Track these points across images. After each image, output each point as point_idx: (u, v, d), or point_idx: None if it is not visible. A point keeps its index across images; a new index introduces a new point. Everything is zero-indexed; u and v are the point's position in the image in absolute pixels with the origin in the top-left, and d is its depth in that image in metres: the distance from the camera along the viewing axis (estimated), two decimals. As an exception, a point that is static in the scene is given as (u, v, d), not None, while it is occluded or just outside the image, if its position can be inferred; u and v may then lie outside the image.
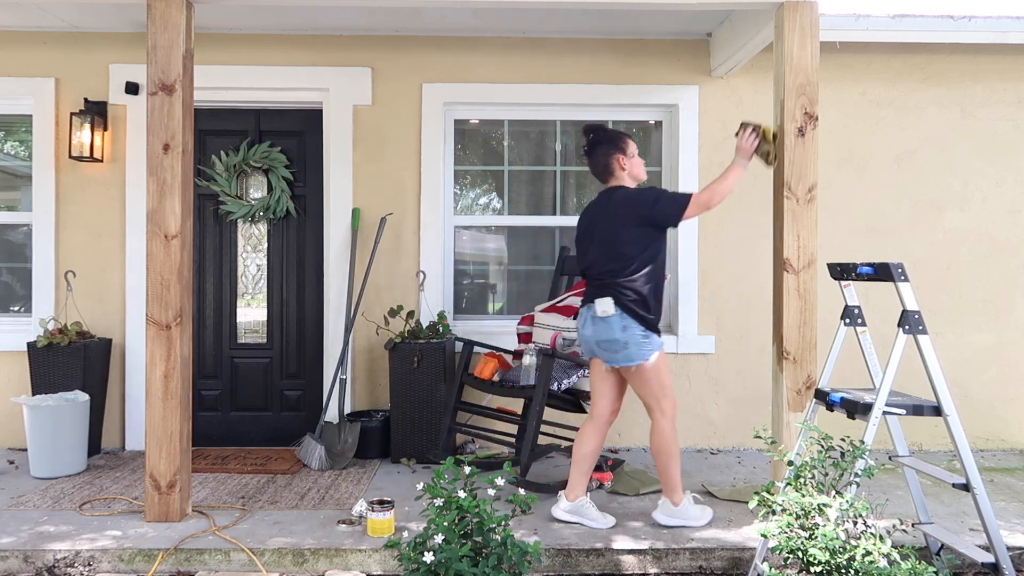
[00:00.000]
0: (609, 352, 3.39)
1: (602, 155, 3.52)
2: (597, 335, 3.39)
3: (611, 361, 3.42)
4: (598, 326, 3.38)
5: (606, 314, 3.34)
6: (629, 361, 3.36)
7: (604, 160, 3.52)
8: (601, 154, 3.52)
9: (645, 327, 3.35)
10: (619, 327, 3.33)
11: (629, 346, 3.34)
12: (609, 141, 3.53)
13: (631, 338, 3.33)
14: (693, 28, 4.91)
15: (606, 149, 3.51)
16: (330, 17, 4.73)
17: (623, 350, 3.35)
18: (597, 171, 3.57)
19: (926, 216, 5.09)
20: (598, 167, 3.55)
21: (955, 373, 5.06)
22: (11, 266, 5.20)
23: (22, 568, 3.19)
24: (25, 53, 4.98)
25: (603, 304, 3.34)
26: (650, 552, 3.24)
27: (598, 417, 3.58)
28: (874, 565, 2.43)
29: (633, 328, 3.34)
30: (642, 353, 3.35)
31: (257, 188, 5.12)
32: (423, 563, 2.54)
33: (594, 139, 3.55)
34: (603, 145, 3.52)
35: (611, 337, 3.35)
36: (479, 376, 4.33)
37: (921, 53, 5.02)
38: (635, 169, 3.54)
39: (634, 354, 3.35)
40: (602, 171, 3.54)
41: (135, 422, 4.93)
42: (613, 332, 3.34)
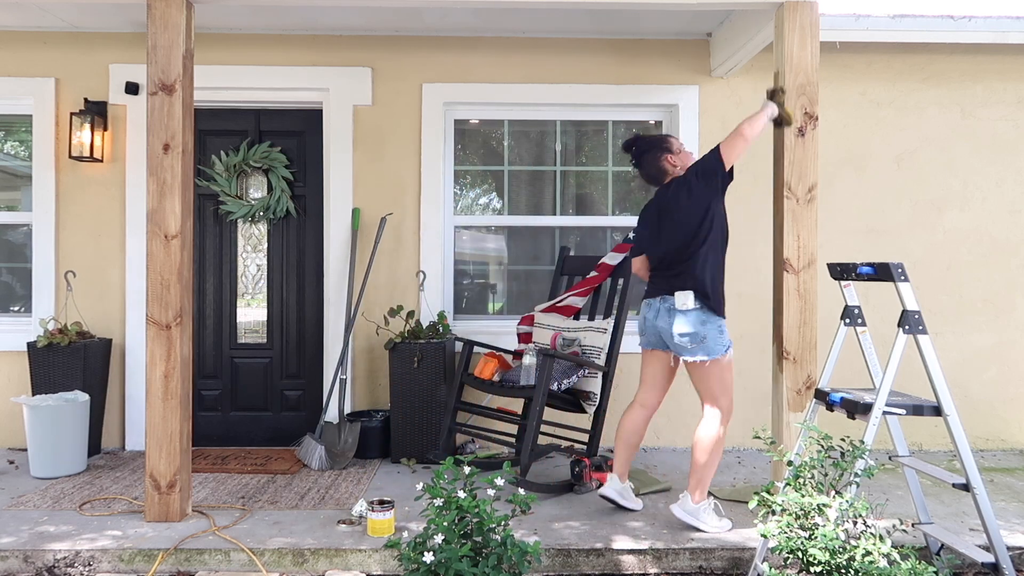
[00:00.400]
0: (687, 345, 3.41)
1: (651, 161, 3.59)
2: (675, 327, 3.41)
3: (685, 354, 3.43)
4: (676, 318, 3.41)
5: (686, 307, 3.38)
6: (707, 355, 3.40)
7: (655, 164, 3.59)
8: (649, 161, 3.60)
9: (722, 320, 3.43)
10: (699, 320, 3.38)
11: (707, 340, 3.39)
12: (654, 146, 3.61)
13: (710, 332, 3.39)
14: (693, 28, 4.91)
15: (653, 155, 3.59)
16: (330, 17, 4.73)
17: (701, 343, 3.39)
18: (650, 177, 3.64)
19: (926, 216, 5.09)
20: (651, 173, 3.62)
21: (955, 373, 5.07)
22: (11, 266, 5.20)
23: (22, 568, 3.19)
24: (25, 53, 4.98)
25: (683, 296, 3.38)
26: (650, 552, 3.24)
27: (649, 407, 3.69)
28: (874, 565, 2.43)
29: (712, 321, 3.40)
30: (719, 348, 3.41)
31: (257, 188, 5.12)
32: (423, 563, 2.54)
33: (638, 150, 3.63)
34: (649, 152, 3.60)
35: (691, 330, 3.38)
36: (479, 376, 4.33)
37: (921, 53, 5.02)
38: (687, 162, 3.60)
39: (712, 348, 3.40)
40: (657, 175, 3.61)
41: (135, 422, 4.93)
42: (693, 325, 3.38)
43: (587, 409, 4.26)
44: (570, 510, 3.75)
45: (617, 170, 5.27)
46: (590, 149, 5.31)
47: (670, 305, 3.44)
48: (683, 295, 3.39)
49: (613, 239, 5.21)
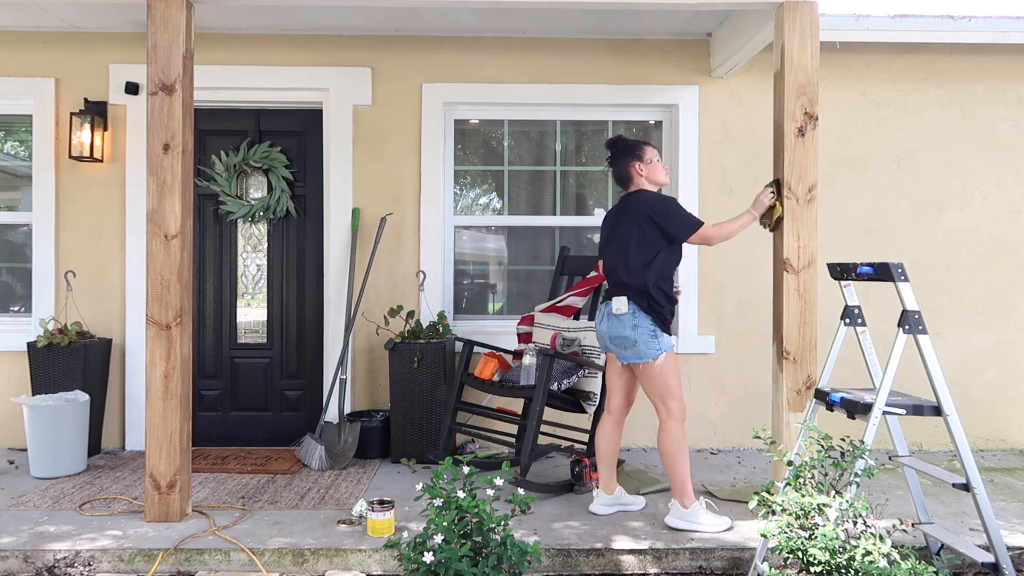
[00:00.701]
0: (620, 348, 3.55)
1: (621, 164, 3.67)
2: (611, 331, 3.55)
3: (621, 357, 3.58)
4: (612, 322, 3.54)
5: (620, 312, 3.50)
6: (637, 358, 3.50)
7: (623, 168, 3.66)
8: (620, 163, 3.67)
9: (655, 326, 3.49)
10: (630, 325, 3.48)
11: (638, 344, 3.48)
12: (626, 150, 3.67)
13: (640, 336, 3.47)
14: (693, 28, 4.91)
15: (624, 158, 3.66)
16: (330, 17, 4.73)
17: (632, 347, 3.49)
18: (619, 179, 3.72)
19: (926, 216, 5.09)
20: (619, 175, 3.70)
21: (955, 373, 5.06)
22: (11, 266, 5.20)
23: (22, 568, 3.19)
24: (25, 53, 4.98)
25: (618, 302, 3.51)
26: (650, 552, 3.24)
27: (614, 411, 3.75)
28: (874, 565, 2.43)
29: (643, 327, 3.47)
30: (650, 351, 3.48)
31: (257, 188, 5.12)
32: (423, 563, 2.54)
33: (615, 150, 3.71)
34: (621, 155, 3.67)
35: (622, 334, 3.50)
36: (479, 376, 4.33)
37: (921, 53, 5.02)
38: (653, 174, 3.64)
39: (642, 351, 3.48)
40: (623, 178, 3.69)
41: (135, 422, 4.93)
42: (624, 329, 3.50)
43: (587, 409, 4.26)
44: (570, 510, 3.75)
45: (617, 170, 5.27)
46: (590, 149, 5.31)
47: (609, 310, 3.57)
48: (618, 300, 3.52)
49: (613, 239, 5.21)
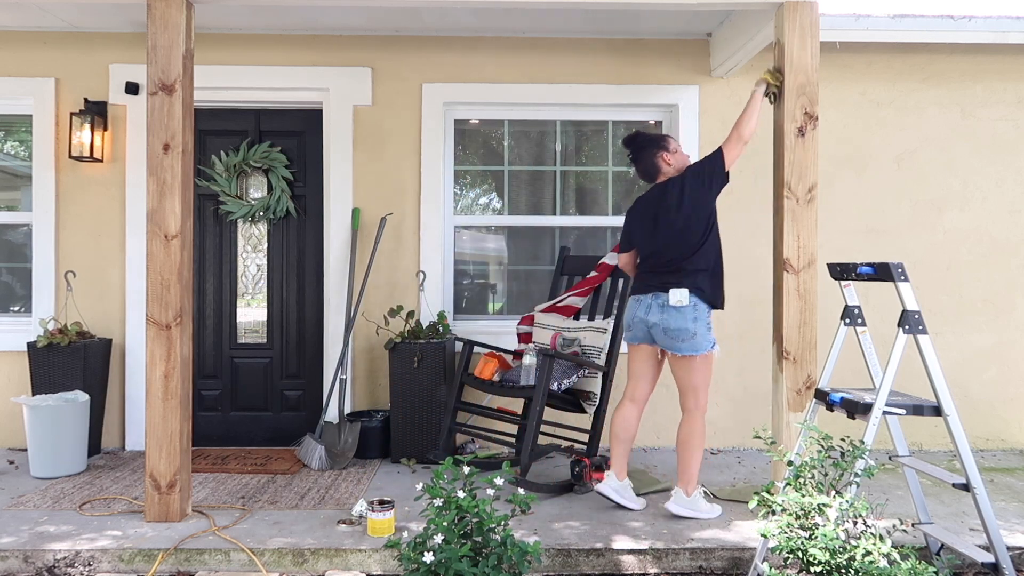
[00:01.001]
0: (676, 340, 3.51)
1: (647, 157, 3.67)
2: (667, 323, 3.50)
3: (675, 349, 3.53)
4: (669, 314, 3.50)
5: (680, 303, 3.47)
6: (694, 351, 3.50)
7: (650, 161, 3.67)
8: (646, 157, 3.68)
9: (710, 318, 3.53)
10: (691, 317, 3.47)
11: (697, 336, 3.48)
12: (650, 143, 3.69)
13: (699, 328, 3.48)
14: (693, 28, 4.91)
15: (649, 151, 3.67)
16: (330, 17, 4.73)
17: (691, 339, 3.48)
18: (645, 173, 3.73)
19: (926, 216, 5.09)
20: (646, 168, 3.71)
21: (955, 373, 5.06)
22: (11, 266, 5.20)
23: (22, 568, 3.19)
24: (25, 53, 4.98)
25: (678, 293, 3.47)
26: (650, 552, 3.24)
27: (639, 400, 3.77)
28: (874, 565, 2.43)
29: (703, 318, 3.50)
30: (706, 344, 3.51)
31: (257, 188, 5.12)
32: (423, 563, 2.54)
33: (636, 146, 3.72)
34: (646, 149, 3.68)
35: (682, 326, 3.47)
36: (479, 376, 4.33)
37: (921, 53, 5.02)
38: (679, 162, 3.69)
39: (700, 344, 3.50)
40: (651, 171, 3.70)
41: (135, 422, 4.93)
42: (685, 321, 3.47)
43: (587, 409, 4.26)
44: (570, 510, 3.75)
45: (617, 170, 5.27)
46: (590, 149, 5.31)
47: (663, 302, 3.52)
48: (678, 292, 3.48)
49: (613, 239, 5.21)
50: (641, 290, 3.66)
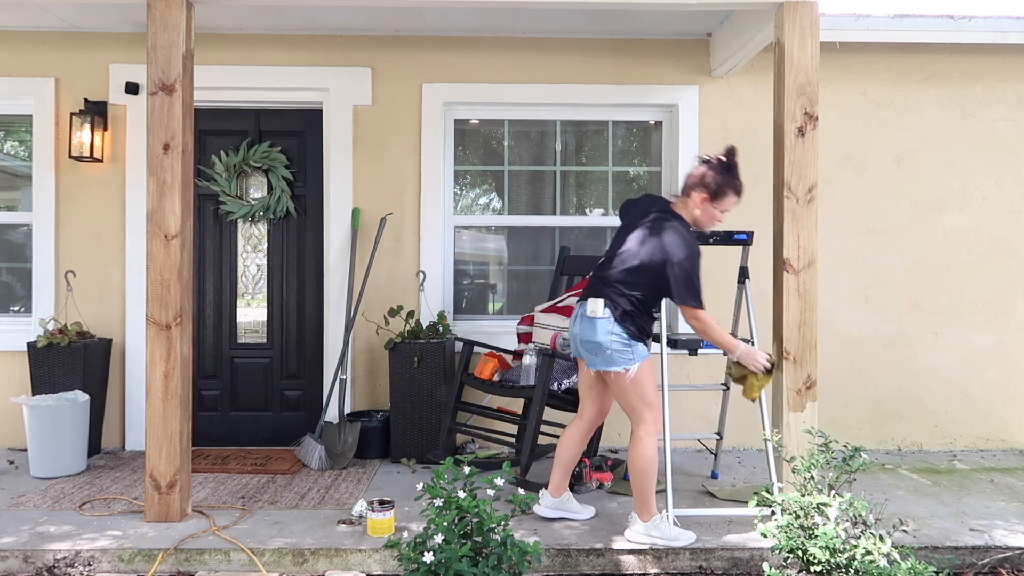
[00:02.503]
0: (590, 354, 3.30)
1: (696, 176, 3.29)
2: (582, 334, 3.31)
3: (590, 363, 3.33)
4: (584, 325, 3.29)
5: (594, 315, 3.25)
6: (607, 366, 3.26)
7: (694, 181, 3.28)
8: (696, 175, 3.29)
9: (629, 336, 3.23)
10: (604, 330, 3.23)
11: (611, 352, 3.23)
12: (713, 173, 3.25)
13: (612, 344, 3.22)
14: (693, 28, 4.91)
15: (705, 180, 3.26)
16: (330, 17, 4.73)
17: (602, 354, 3.25)
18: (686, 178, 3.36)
19: (926, 216, 5.09)
20: (688, 177, 3.33)
21: (955, 373, 5.08)
22: (11, 266, 5.20)
23: (22, 568, 3.19)
24: (25, 53, 4.98)
25: (594, 304, 3.26)
26: (650, 552, 3.24)
27: (586, 420, 3.54)
28: (874, 564, 2.43)
29: (617, 334, 3.22)
30: (621, 361, 3.23)
31: (257, 188, 5.12)
32: (423, 563, 2.54)
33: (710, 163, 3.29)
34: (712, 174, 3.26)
35: (593, 339, 3.25)
36: (479, 376, 4.33)
37: (921, 53, 5.02)
38: (703, 215, 3.30)
39: (614, 360, 3.24)
40: (686, 183, 3.33)
41: (135, 422, 4.93)
42: (596, 334, 3.24)
43: (587, 409, 4.26)
44: (570, 510, 3.75)
45: (617, 170, 5.27)
46: (590, 149, 5.31)
47: (584, 311, 3.31)
48: (594, 302, 3.25)
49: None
50: (580, 299, 3.43)
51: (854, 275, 5.06)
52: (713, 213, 3.29)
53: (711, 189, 3.25)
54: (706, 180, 3.26)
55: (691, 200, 3.30)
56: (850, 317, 5.05)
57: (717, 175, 3.25)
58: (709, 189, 3.25)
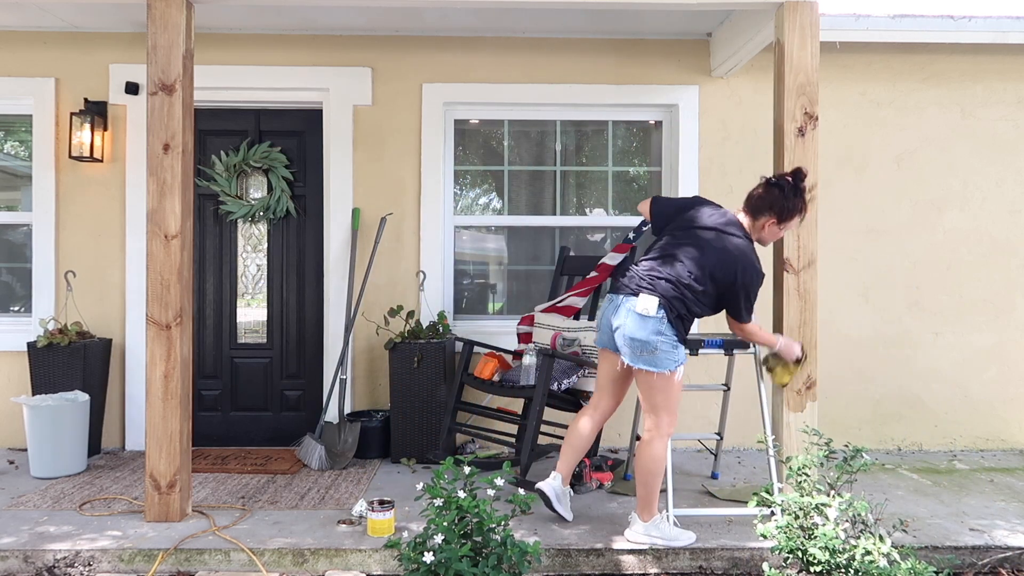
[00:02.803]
0: (632, 351, 3.18)
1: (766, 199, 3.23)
2: (628, 330, 3.17)
3: (633, 360, 3.20)
4: (632, 320, 3.16)
5: (647, 312, 3.13)
6: (652, 366, 3.17)
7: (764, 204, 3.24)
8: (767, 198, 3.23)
9: (677, 339, 3.19)
10: (654, 330, 3.14)
11: (657, 352, 3.15)
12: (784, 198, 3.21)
13: (661, 345, 3.15)
14: (693, 28, 4.91)
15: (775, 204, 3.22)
16: (330, 17, 4.73)
17: (650, 354, 3.15)
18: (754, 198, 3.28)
19: (926, 216, 5.09)
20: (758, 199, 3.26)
21: (955, 373, 5.08)
22: (11, 266, 5.20)
23: (22, 568, 3.19)
24: (25, 53, 4.98)
25: (647, 301, 3.14)
26: (650, 552, 3.24)
27: (601, 411, 3.50)
28: (874, 565, 2.43)
29: (667, 335, 3.16)
30: (667, 363, 3.17)
31: (257, 188, 5.12)
32: (423, 563, 2.54)
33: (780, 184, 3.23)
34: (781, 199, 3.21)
35: (642, 337, 3.14)
36: (479, 376, 4.33)
37: (921, 53, 5.02)
38: (768, 235, 3.29)
39: (660, 361, 3.17)
40: (755, 204, 3.26)
41: (135, 422, 4.93)
42: (646, 332, 3.14)
43: (587, 409, 4.26)
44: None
45: (617, 170, 5.27)
46: (590, 149, 5.31)
47: (631, 306, 3.18)
48: (647, 299, 3.14)
49: (613, 239, 5.22)
50: (617, 289, 3.33)
51: (854, 275, 5.06)
52: (777, 233, 3.31)
53: (780, 213, 3.24)
54: (776, 204, 3.23)
55: (758, 221, 3.26)
56: (850, 317, 5.05)
57: (788, 200, 3.22)
58: (778, 212, 3.23)
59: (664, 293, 3.16)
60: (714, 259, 3.18)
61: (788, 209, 3.23)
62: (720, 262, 3.18)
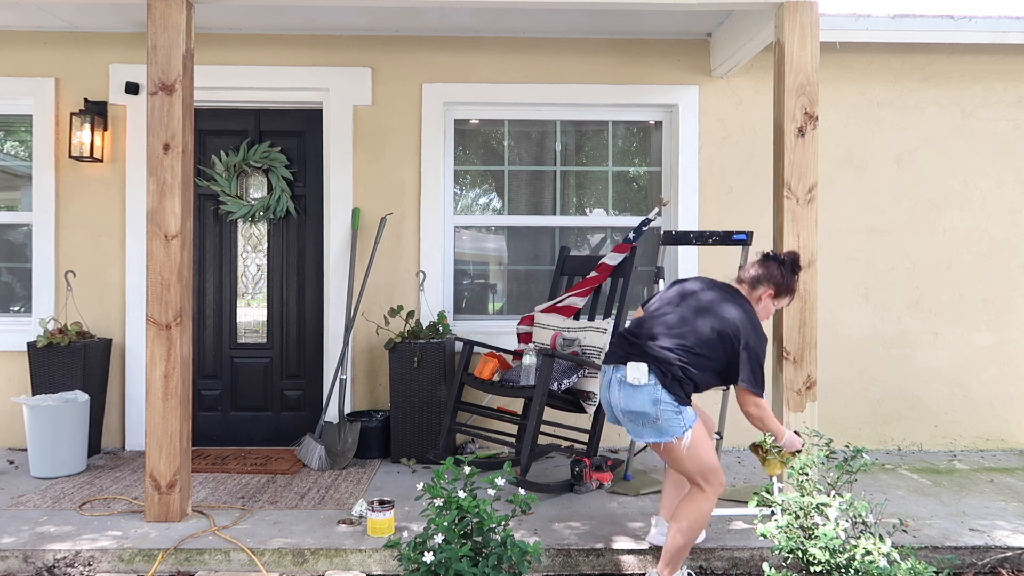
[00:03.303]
0: (635, 425, 2.96)
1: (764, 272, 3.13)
2: (623, 403, 2.96)
3: (637, 436, 2.99)
4: (625, 393, 2.95)
5: (637, 382, 2.90)
6: (659, 437, 2.92)
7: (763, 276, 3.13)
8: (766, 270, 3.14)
9: (678, 402, 2.91)
10: (650, 399, 2.89)
11: (660, 421, 2.90)
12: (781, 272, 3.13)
13: (662, 413, 2.89)
14: (693, 28, 4.91)
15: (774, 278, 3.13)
16: (330, 17, 4.73)
17: (651, 424, 2.91)
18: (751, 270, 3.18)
19: (926, 216, 5.09)
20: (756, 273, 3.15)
21: (955, 373, 5.08)
22: (11, 266, 5.20)
23: (22, 568, 3.19)
24: (25, 53, 4.98)
25: (636, 370, 2.91)
26: (650, 552, 3.24)
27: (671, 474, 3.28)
28: (874, 565, 2.43)
29: (665, 401, 2.89)
30: (673, 430, 2.90)
31: (257, 188, 5.12)
32: (423, 563, 2.54)
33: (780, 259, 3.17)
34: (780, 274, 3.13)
35: (638, 409, 2.92)
36: (479, 376, 4.33)
37: (921, 53, 5.02)
38: (763, 309, 3.15)
39: (665, 430, 2.90)
40: (753, 279, 3.14)
41: (135, 422, 4.93)
42: (642, 403, 2.90)
43: (587, 409, 4.26)
44: (570, 510, 3.75)
45: (617, 170, 5.27)
46: (590, 149, 5.31)
47: (621, 376, 2.96)
48: (636, 367, 2.91)
49: (613, 239, 5.22)
50: (608, 358, 3.12)
51: (854, 275, 5.06)
52: (770, 308, 3.18)
53: (778, 287, 3.14)
54: (775, 278, 3.13)
55: (756, 292, 3.14)
56: (850, 317, 5.05)
57: (784, 275, 3.15)
58: (777, 288, 3.14)
59: (652, 358, 2.92)
60: (706, 317, 2.97)
61: (787, 284, 3.15)
62: (718, 320, 2.96)
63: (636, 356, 2.95)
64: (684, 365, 2.91)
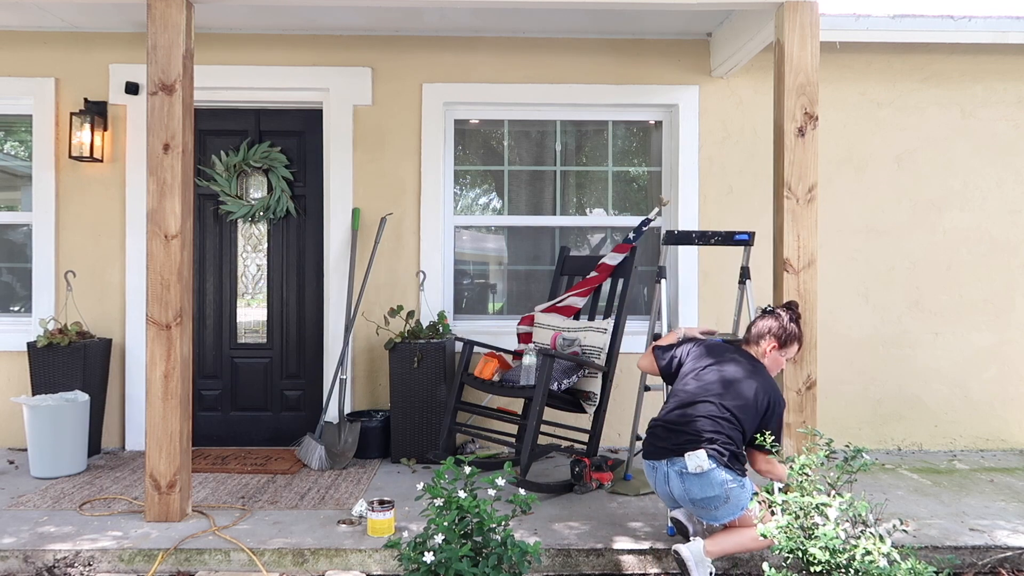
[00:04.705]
0: (709, 510, 3.02)
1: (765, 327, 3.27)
2: (693, 493, 3.01)
3: (713, 519, 3.04)
4: (690, 483, 2.99)
5: (701, 469, 2.95)
6: (734, 514, 3.01)
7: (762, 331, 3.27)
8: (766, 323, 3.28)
9: (740, 475, 3.01)
10: (718, 481, 2.96)
11: (730, 499, 2.99)
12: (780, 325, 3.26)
13: (731, 492, 2.98)
14: (693, 28, 4.92)
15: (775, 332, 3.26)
16: (330, 17, 4.73)
17: (723, 505, 2.99)
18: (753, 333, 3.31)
19: (926, 216, 5.09)
20: (757, 329, 3.29)
21: (955, 373, 5.08)
22: (11, 266, 5.20)
23: (22, 568, 3.19)
24: (25, 53, 4.98)
25: (697, 458, 2.96)
26: (650, 552, 3.24)
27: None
28: (874, 565, 2.42)
29: (732, 478, 2.98)
30: (743, 501, 2.99)
31: (257, 188, 5.12)
32: (423, 563, 2.54)
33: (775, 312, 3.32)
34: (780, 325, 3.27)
35: (711, 494, 2.98)
36: (479, 376, 4.33)
37: (921, 53, 5.02)
38: (772, 363, 3.27)
39: (735, 506, 3.00)
40: (756, 334, 3.28)
41: (135, 422, 4.93)
42: (712, 488, 2.97)
43: (587, 409, 4.26)
44: (570, 510, 3.75)
45: (617, 170, 5.27)
46: (590, 149, 5.31)
47: (680, 468, 3.01)
48: (696, 456, 2.96)
49: (613, 239, 5.22)
50: (653, 454, 3.13)
51: (854, 275, 5.06)
52: (779, 360, 3.29)
53: (780, 337, 3.27)
54: (775, 331, 3.27)
55: (759, 347, 3.27)
56: (850, 317, 5.05)
57: (785, 327, 3.27)
58: (779, 339, 3.27)
59: (706, 441, 2.99)
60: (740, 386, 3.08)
61: (789, 335, 3.26)
62: (752, 388, 3.07)
63: (689, 443, 3.02)
64: (732, 437, 3.02)
